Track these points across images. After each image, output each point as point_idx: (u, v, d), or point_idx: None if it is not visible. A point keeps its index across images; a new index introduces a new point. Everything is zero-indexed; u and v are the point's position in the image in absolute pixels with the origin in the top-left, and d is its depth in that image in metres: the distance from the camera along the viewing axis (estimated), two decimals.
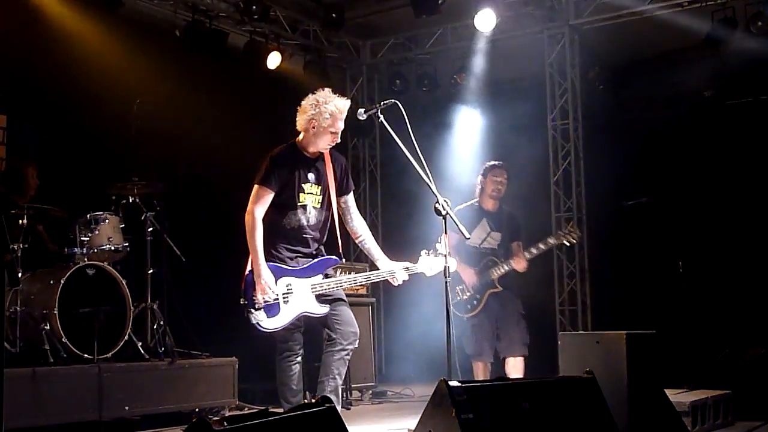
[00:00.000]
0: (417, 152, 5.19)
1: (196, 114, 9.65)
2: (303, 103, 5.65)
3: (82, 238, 6.99)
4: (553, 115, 10.62)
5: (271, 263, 5.37)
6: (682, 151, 10.42)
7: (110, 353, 6.73)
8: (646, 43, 10.55)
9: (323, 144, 5.54)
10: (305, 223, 5.49)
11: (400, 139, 5.27)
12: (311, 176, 5.54)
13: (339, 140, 5.58)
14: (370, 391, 9.01)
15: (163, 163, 8.19)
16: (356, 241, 5.79)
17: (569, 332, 9.26)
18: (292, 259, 5.45)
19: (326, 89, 5.67)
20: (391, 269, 5.56)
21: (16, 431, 5.72)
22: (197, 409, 7.18)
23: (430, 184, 5.16)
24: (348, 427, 3.37)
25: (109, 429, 6.34)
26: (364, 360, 8.81)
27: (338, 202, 5.64)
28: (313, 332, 5.61)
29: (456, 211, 7.23)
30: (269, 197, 5.43)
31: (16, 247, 6.40)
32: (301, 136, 5.63)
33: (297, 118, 5.64)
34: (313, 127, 5.53)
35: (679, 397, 6.04)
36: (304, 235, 5.50)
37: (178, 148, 9.03)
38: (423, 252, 5.57)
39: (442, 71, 11.44)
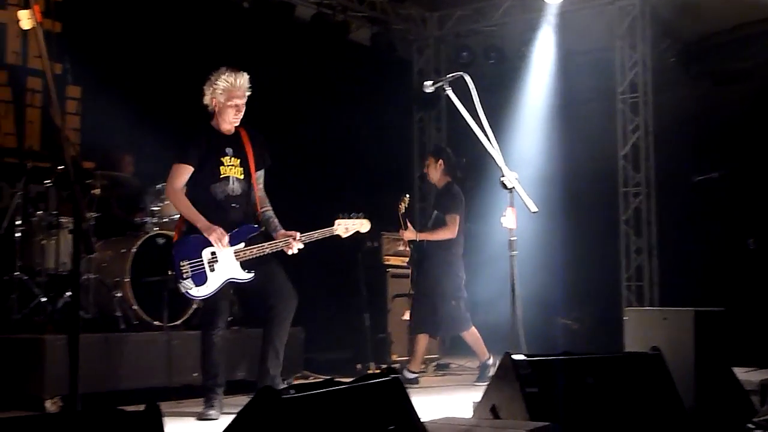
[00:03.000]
0: (483, 125, 5.18)
1: (263, 87, 9.71)
2: (204, 85, 5.79)
3: (153, 208, 7.11)
4: (622, 88, 10.47)
5: (195, 235, 5.57)
6: (755, 126, 10.19)
7: (179, 321, 6.85)
8: (719, 15, 10.32)
9: (229, 119, 5.72)
10: (230, 194, 5.71)
11: (466, 112, 5.26)
12: (229, 150, 5.74)
13: (238, 114, 5.72)
14: (434, 364, 9.04)
15: None
16: (259, 211, 5.86)
17: (636, 308, 9.17)
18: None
19: (222, 68, 5.76)
20: (288, 236, 5.66)
21: (89, 396, 5.87)
22: None
23: (496, 157, 5.15)
24: (412, 399, 3.40)
25: (178, 395, 6.45)
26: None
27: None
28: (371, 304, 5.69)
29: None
30: (186, 173, 5.66)
31: (89, 215, 6.55)
32: (213, 117, 5.80)
33: (204, 100, 5.80)
34: (215, 105, 5.72)
35: (747, 375, 5.94)
36: (232, 205, 5.71)
37: (245, 120, 9.10)
38: (341, 215, 5.78)
39: (510, 43, 11.33)
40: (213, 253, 5.56)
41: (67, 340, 3.18)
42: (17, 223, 6.59)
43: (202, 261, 5.55)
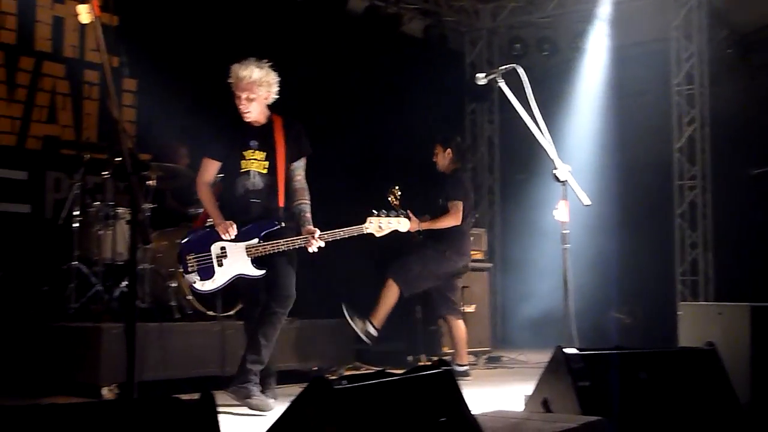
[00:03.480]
0: (536, 118, 5.15)
1: (315, 80, 9.77)
2: None
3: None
4: (678, 80, 10.33)
5: (207, 229, 5.58)
6: None
7: (233, 311, 6.92)
8: None
9: (240, 111, 5.62)
10: (251, 188, 5.58)
11: (519, 104, 5.23)
12: (253, 143, 5.62)
13: (245, 107, 5.59)
14: (485, 356, 9.03)
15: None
16: (293, 204, 5.70)
17: (690, 303, 9.05)
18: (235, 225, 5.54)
19: (250, 59, 5.69)
20: (309, 234, 5.49)
21: (144, 384, 5.96)
22: (315, 368, 7.34)
23: (549, 150, 5.12)
24: (463, 392, 3.40)
25: (230, 384, 6.53)
26: (479, 325, 8.83)
27: (288, 167, 5.69)
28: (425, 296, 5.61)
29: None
30: (213, 166, 5.67)
31: (145, 206, 6.64)
32: None
33: None
34: (235, 97, 5.65)
35: None
36: (252, 200, 5.59)
37: (299, 112, 9.15)
38: (375, 213, 5.60)
39: (563, 35, 11.26)
40: (223, 248, 5.51)
41: (123, 329, 3.24)
42: (75, 213, 6.70)
43: (210, 255, 5.51)
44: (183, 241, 5.66)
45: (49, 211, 7.65)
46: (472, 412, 3.38)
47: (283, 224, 5.58)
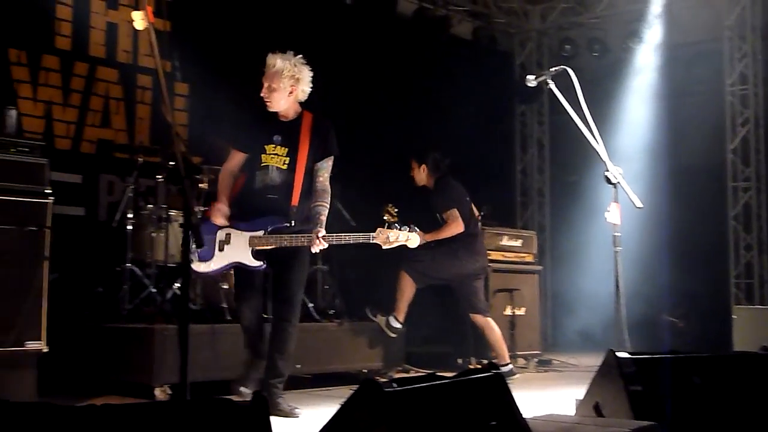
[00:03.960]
0: (587, 119, 5.11)
1: (366, 82, 9.81)
2: None
3: None
4: (731, 80, 10.19)
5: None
6: None
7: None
8: None
9: (264, 99, 5.55)
10: (268, 183, 5.48)
11: (569, 106, 5.20)
12: (277, 138, 5.52)
13: (266, 96, 5.51)
14: (536, 359, 8.98)
15: (335, 129, 8.33)
16: (311, 205, 5.55)
17: (745, 306, 8.93)
18: (242, 216, 5.50)
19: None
20: (312, 234, 5.34)
21: (196, 384, 6.02)
22: (365, 370, 7.36)
23: (600, 152, 5.08)
24: (514, 395, 3.39)
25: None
26: (530, 328, 8.78)
27: (312, 166, 5.56)
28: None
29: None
30: (237, 157, 5.63)
31: (197, 209, 6.71)
32: None
33: None
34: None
35: None
36: (269, 195, 5.47)
37: (348, 114, 9.21)
38: (386, 225, 5.46)
39: (614, 35, 11.17)
40: (228, 235, 5.48)
41: (176, 330, 3.27)
42: (128, 216, 6.77)
43: (214, 238, 5.47)
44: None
45: (102, 214, 7.76)
46: (523, 416, 3.37)
47: (293, 223, 5.45)
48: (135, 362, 6.06)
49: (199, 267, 5.49)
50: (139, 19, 3.59)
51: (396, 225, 5.43)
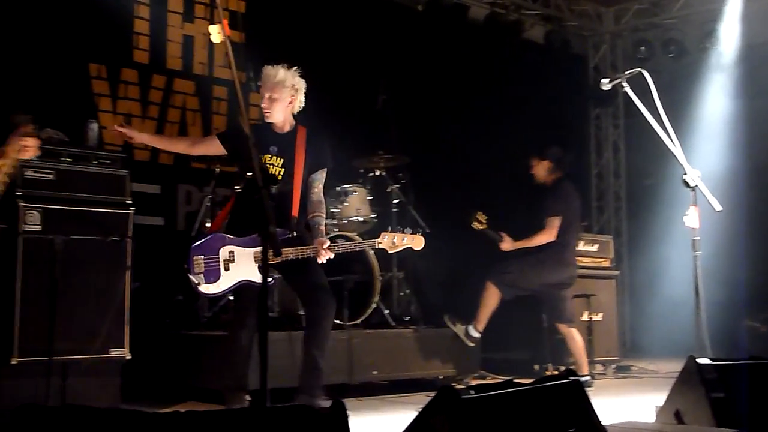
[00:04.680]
0: (664, 122, 5.04)
1: (439, 88, 9.82)
2: None
3: (333, 210, 7.28)
4: None
5: (219, 233, 5.41)
6: None
7: (359, 320, 7.00)
8: None
9: (263, 109, 5.51)
10: None
11: (645, 109, 5.13)
12: (273, 149, 5.47)
13: (267, 106, 5.47)
14: (614, 365, 8.86)
15: (408, 136, 8.37)
16: (310, 216, 5.52)
17: None
18: (240, 230, 5.39)
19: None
20: (316, 245, 5.31)
21: (274, 391, 6.09)
22: (441, 377, 7.36)
23: (678, 155, 5.01)
24: (592, 402, 3.36)
25: (358, 392, 6.61)
26: (607, 333, 8.67)
27: (307, 178, 5.52)
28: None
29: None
30: (213, 144, 5.64)
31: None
32: None
33: None
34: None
35: None
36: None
37: (421, 121, 9.24)
38: (390, 230, 5.50)
39: (690, 36, 10.96)
40: (231, 252, 5.37)
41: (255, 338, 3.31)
42: (206, 225, 6.89)
43: (217, 258, 5.36)
44: (194, 244, 5.48)
45: (181, 223, 7.92)
46: (602, 423, 3.34)
47: (295, 234, 5.42)
48: (213, 369, 6.15)
49: (207, 289, 5.38)
50: (216, 33, 3.66)
51: (399, 228, 5.55)
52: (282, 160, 5.51)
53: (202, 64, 8.24)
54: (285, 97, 5.51)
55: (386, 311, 7.32)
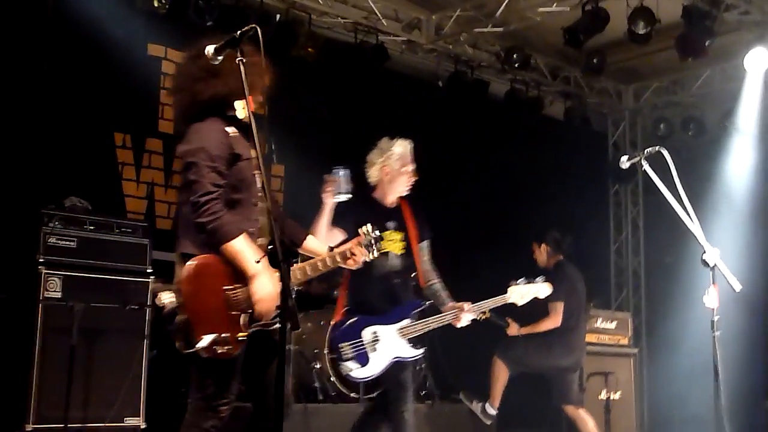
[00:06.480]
0: (683, 200, 5.05)
1: (460, 163, 9.89)
2: (368, 156, 5.59)
3: None
4: None
5: (359, 315, 5.34)
6: None
7: (375, 393, 6.94)
8: None
9: (401, 187, 5.47)
10: (391, 269, 5.38)
11: (664, 187, 5.14)
12: (390, 224, 5.44)
13: (409, 182, 5.47)
14: None
15: (427, 208, 8.39)
16: (424, 285, 5.53)
17: None
18: (379, 307, 5.36)
19: (384, 138, 5.59)
20: (454, 309, 5.34)
21: None
22: None
23: (697, 233, 5.00)
24: None
25: None
26: (626, 412, 8.58)
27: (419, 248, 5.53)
28: None
29: None
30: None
31: (293, 290, 6.78)
32: (376, 189, 5.56)
33: (368, 173, 5.57)
34: (387, 174, 5.47)
35: None
36: (393, 281, 5.39)
37: (442, 196, 9.28)
38: (515, 282, 5.48)
39: (710, 114, 11.02)
40: (375, 333, 5.31)
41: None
42: None
43: (362, 341, 5.28)
44: (332, 331, 5.50)
45: None
46: None
47: (428, 302, 5.49)
48: None
49: (360, 373, 5.30)
50: (241, 108, 3.73)
51: (524, 279, 5.54)
52: (401, 234, 5.50)
53: None
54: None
55: None
